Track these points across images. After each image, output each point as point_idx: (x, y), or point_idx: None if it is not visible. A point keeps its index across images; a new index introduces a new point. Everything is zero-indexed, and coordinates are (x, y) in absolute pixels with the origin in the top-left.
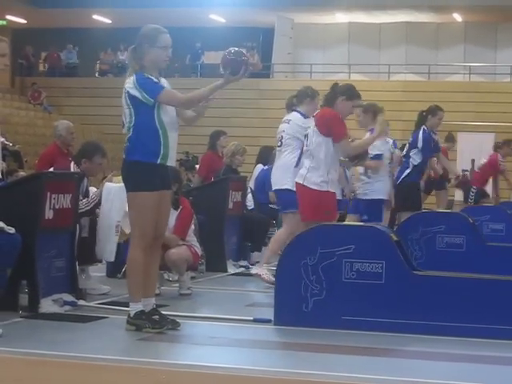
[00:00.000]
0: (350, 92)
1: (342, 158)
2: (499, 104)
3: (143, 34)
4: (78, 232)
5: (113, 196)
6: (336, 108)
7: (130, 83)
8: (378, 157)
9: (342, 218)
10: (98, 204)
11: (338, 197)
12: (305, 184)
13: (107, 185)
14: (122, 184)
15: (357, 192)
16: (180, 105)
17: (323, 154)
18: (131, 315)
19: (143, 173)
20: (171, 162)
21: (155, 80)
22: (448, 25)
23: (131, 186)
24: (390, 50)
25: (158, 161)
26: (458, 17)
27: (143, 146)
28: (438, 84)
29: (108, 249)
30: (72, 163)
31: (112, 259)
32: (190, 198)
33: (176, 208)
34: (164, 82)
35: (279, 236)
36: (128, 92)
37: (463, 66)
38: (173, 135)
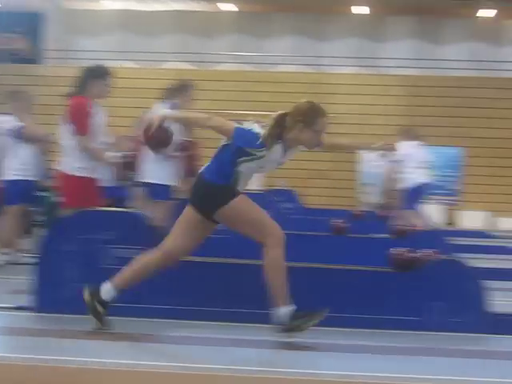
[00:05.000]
0: (97, 72)
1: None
2: (267, 93)
3: None
4: None
5: None
6: (90, 93)
7: None
8: None
9: (112, 205)
10: None
11: (107, 183)
12: (64, 170)
13: None
14: None
15: None
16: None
17: (72, 141)
18: None
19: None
20: None
21: None
22: (220, 14)
23: (218, 203)
24: (162, 37)
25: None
26: (232, 6)
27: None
28: (209, 73)
29: None
30: None
31: None
32: None
33: None
34: None
35: None
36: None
37: (235, 56)
38: None
